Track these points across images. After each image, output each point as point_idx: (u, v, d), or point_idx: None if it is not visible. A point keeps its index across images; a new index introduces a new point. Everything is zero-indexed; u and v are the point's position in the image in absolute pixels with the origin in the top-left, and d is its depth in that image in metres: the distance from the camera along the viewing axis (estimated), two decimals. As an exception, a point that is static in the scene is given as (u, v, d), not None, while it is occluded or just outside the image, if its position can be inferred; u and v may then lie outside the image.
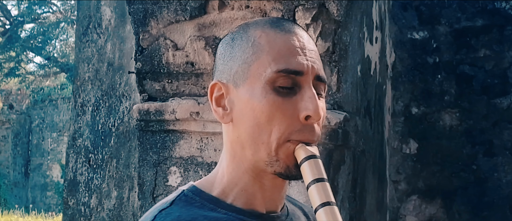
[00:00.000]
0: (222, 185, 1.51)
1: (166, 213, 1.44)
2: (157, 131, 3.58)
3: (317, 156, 1.42)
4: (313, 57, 1.46)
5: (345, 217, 3.61)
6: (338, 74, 3.43)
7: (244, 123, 1.46)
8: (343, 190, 3.55)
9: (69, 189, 4.54)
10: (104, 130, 4.35)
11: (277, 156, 1.43)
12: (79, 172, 4.49)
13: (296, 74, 1.42)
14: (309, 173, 1.39)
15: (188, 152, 3.54)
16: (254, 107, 1.44)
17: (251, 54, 1.46)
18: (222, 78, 1.51)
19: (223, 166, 1.53)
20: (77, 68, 4.61)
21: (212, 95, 1.52)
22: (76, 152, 4.53)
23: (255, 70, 1.45)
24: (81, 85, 4.54)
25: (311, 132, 1.43)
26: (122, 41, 4.29)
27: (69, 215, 4.51)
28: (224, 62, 1.51)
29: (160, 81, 3.62)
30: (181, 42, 3.56)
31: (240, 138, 1.47)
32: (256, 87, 1.44)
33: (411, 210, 4.85)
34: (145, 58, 3.61)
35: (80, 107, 4.52)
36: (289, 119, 1.42)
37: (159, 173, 3.56)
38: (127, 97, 4.22)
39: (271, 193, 1.51)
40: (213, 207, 1.47)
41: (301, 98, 1.42)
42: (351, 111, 3.62)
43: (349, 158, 3.63)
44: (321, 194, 1.37)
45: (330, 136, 3.37)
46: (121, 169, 4.20)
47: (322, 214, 1.35)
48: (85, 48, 4.53)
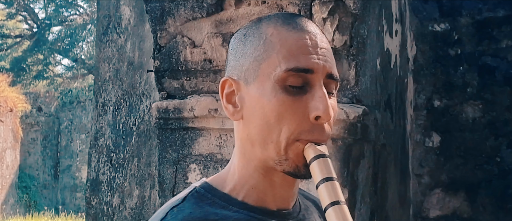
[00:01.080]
0: (233, 182, 1.51)
1: (177, 210, 1.45)
2: (176, 129, 3.59)
3: (327, 155, 1.41)
4: (325, 56, 1.45)
5: (366, 211, 3.59)
6: (356, 68, 3.41)
7: (254, 121, 1.45)
8: (363, 184, 3.53)
9: (92, 188, 4.56)
10: (125, 129, 4.36)
11: (286, 155, 1.43)
12: (101, 171, 4.51)
13: (306, 72, 1.42)
14: (318, 172, 1.39)
15: (207, 149, 3.54)
16: (264, 106, 1.43)
17: (262, 52, 1.45)
18: (233, 75, 1.50)
19: (234, 162, 1.53)
20: (97, 68, 4.62)
21: (223, 91, 1.52)
22: (98, 151, 4.55)
23: (266, 69, 1.44)
24: (102, 85, 4.55)
25: (321, 131, 1.43)
26: (142, 40, 4.30)
27: (92, 215, 4.53)
28: (235, 59, 1.51)
29: (179, 79, 3.62)
30: (198, 40, 3.56)
31: (250, 136, 1.47)
32: (266, 85, 1.44)
33: (435, 203, 4.81)
34: (163, 56, 3.61)
35: (101, 107, 4.54)
36: (299, 118, 1.41)
37: (179, 170, 3.56)
38: (147, 96, 4.22)
39: (282, 190, 1.51)
40: (224, 204, 1.47)
41: (312, 98, 1.42)
42: (371, 104, 3.60)
43: (369, 152, 3.61)
44: (330, 193, 1.37)
45: (349, 130, 3.35)
46: (142, 168, 4.21)
47: (331, 213, 1.35)
48: (106, 48, 4.55)
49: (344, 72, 3.40)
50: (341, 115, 3.31)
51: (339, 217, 1.34)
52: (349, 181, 3.39)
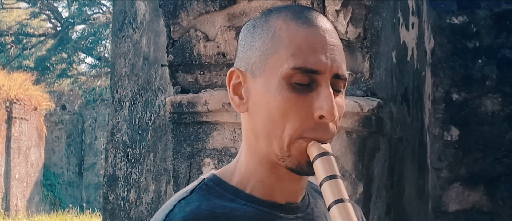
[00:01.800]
0: (240, 175, 1.50)
1: (185, 203, 1.44)
2: (190, 123, 3.58)
3: (330, 153, 1.40)
4: (334, 54, 1.43)
5: (381, 205, 3.57)
6: (370, 60, 3.38)
7: (259, 115, 1.45)
8: (379, 178, 3.51)
9: (109, 184, 4.57)
10: (141, 124, 4.36)
11: (289, 151, 1.42)
12: (118, 167, 4.52)
13: (313, 73, 1.40)
14: (322, 170, 1.38)
15: (221, 143, 3.53)
16: (269, 101, 1.42)
17: (270, 46, 1.44)
18: (240, 66, 1.49)
19: (242, 155, 1.52)
20: (114, 64, 4.63)
21: (230, 82, 1.51)
22: (114, 147, 4.56)
23: (273, 64, 1.43)
24: (118, 80, 4.56)
25: (325, 130, 1.41)
26: (157, 35, 4.30)
27: (109, 210, 4.54)
28: (244, 50, 1.50)
29: (193, 73, 3.62)
30: (211, 33, 3.55)
31: (254, 129, 1.46)
32: (272, 81, 1.42)
33: (454, 197, 4.77)
34: (176, 51, 3.61)
35: (118, 102, 4.55)
36: (303, 116, 1.40)
37: (193, 165, 3.56)
38: (162, 91, 4.22)
39: (289, 184, 1.49)
40: (232, 197, 1.47)
41: (317, 97, 1.40)
42: (386, 97, 3.58)
43: (384, 145, 3.58)
44: (334, 191, 1.36)
45: (363, 123, 3.33)
46: (158, 163, 4.22)
47: (335, 211, 1.35)
48: (121, 44, 4.55)
49: (358, 64, 3.38)
50: (355, 107, 3.29)
51: (343, 215, 1.34)
52: (364, 174, 3.37)
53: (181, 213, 1.41)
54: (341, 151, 3.34)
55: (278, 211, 1.47)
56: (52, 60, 35.94)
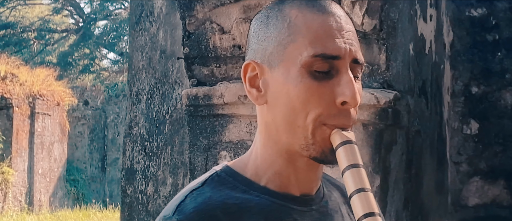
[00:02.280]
0: (255, 167, 1.48)
1: (197, 194, 1.43)
2: (206, 116, 3.57)
3: (353, 141, 1.39)
4: (351, 39, 1.42)
5: (399, 198, 3.55)
6: (386, 52, 3.36)
7: (279, 106, 1.43)
8: (396, 170, 3.49)
9: (127, 177, 4.58)
10: (158, 117, 4.36)
11: (313, 138, 1.40)
12: (135, 160, 4.52)
13: (333, 59, 1.39)
14: (344, 158, 1.36)
15: (237, 135, 3.52)
16: (289, 91, 1.41)
17: (287, 36, 1.42)
18: (256, 58, 1.47)
19: (257, 147, 1.50)
20: (131, 57, 4.63)
21: (246, 75, 1.49)
22: (132, 140, 4.56)
23: (291, 53, 1.41)
24: (135, 74, 4.56)
25: (347, 117, 1.40)
26: (174, 28, 4.30)
27: (127, 203, 4.54)
28: (258, 42, 1.48)
29: (208, 65, 3.61)
30: (227, 26, 3.54)
31: (275, 121, 1.44)
32: (291, 70, 1.41)
33: (474, 191, 4.74)
34: (192, 43, 3.60)
35: (135, 96, 4.55)
36: (324, 103, 1.39)
37: (210, 157, 3.55)
38: (179, 84, 4.22)
39: (306, 175, 1.48)
40: (245, 188, 1.45)
41: (338, 83, 1.39)
42: (403, 89, 3.55)
43: (402, 138, 3.56)
44: (356, 180, 1.35)
45: (380, 116, 3.31)
46: (176, 156, 4.22)
47: (356, 200, 1.33)
48: (138, 37, 4.55)
49: (374, 56, 3.36)
50: (371, 100, 3.27)
51: (364, 204, 1.32)
52: (381, 167, 3.35)
53: (192, 204, 1.40)
54: (357, 143, 3.31)
55: (292, 203, 1.46)
56: (75, 56, 36.09)
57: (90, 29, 35.89)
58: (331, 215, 1.53)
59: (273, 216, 1.43)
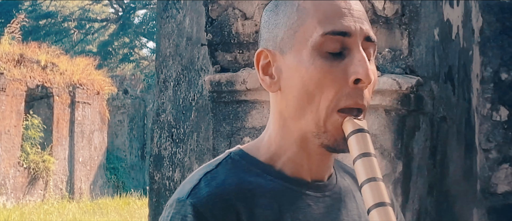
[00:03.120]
0: (269, 152, 1.49)
1: (211, 177, 1.44)
2: (229, 102, 3.58)
3: (365, 129, 1.39)
4: (361, 18, 1.42)
5: (423, 184, 3.53)
6: (409, 37, 3.34)
7: (293, 91, 1.43)
8: (419, 156, 3.47)
9: (155, 164, 4.60)
10: (185, 104, 4.37)
11: (325, 127, 1.41)
12: (163, 147, 4.54)
13: (343, 35, 1.39)
14: (355, 147, 1.37)
15: (260, 122, 3.52)
16: (302, 74, 1.41)
17: (296, 19, 1.43)
18: (268, 46, 1.48)
19: (270, 133, 1.51)
20: (158, 45, 4.65)
21: (259, 63, 1.50)
22: (160, 127, 4.58)
23: (301, 36, 1.42)
24: (163, 61, 4.58)
25: (360, 96, 1.40)
26: (199, 15, 4.30)
27: (155, 190, 4.57)
28: (269, 30, 1.49)
29: (231, 52, 3.62)
30: (249, 11, 3.55)
31: (288, 108, 1.45)
32: (303, 53, 1.41)
33: (503, 178, 4.68)
34: (215, 29, 3.61)
35: (163, 83, 4.57)
36: (338, 84, 1.39)
37: (233, 143, 3.56)
38: (205, 70, 4.23)
39: (318, 162, 1.49)
40: (259, 172, 1.46)
41: (351, 62, 1.39)
42: (426, 75, 3.53)
43: (425, 124, 3.54)
44: (367, 169, 1.35)
45: (402, 101, 3.30)
46: (202, 142, 4.23)
47: (367, 189, 1.34)
48: (166, 24, 4.57)
49: (396, 42, 3.34)
50: (393, 85, 3.25)
51: (375, 194, 1.33)
52: (404, 153, 3.34)
53: (206, 188, 1.41)
54: (380, 129, 3.30)
55: (305, 189, 1.47)
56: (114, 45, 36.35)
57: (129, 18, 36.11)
58: (345, 201, 1.53)
59: (287, 200, 1.44)
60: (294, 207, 1.44)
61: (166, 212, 1.43)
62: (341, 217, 1.50)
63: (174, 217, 1.39)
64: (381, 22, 3.30)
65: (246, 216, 1.39)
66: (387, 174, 3.26)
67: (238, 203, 1.40)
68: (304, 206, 1.45)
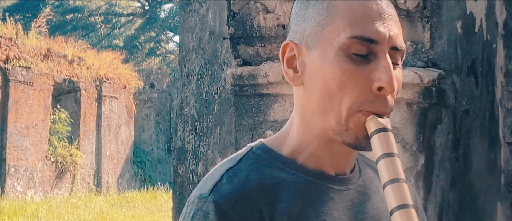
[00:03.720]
0: (291, 147, 1.48)
1: (233, 172, 1.43)
2: (251, 95, 3.59)
3: (389, 129, 1.38)
4: (391, 24, 1.41)
5: (446, 177, 3.52)
6: (430, 30, 3.33)
7: (315, 88, 1.42)
8: (441, 150, 3.45)
9: (178, 157, 4.62)
10: (208, 97, 4.39)
11: (347, 125, 1.40)
12: (186, 140, 4.56)
13: (371, 42, 1.38)
14: (378, 146, 1.36)
15: (282, 115, 3.53)
16: (325, 73, 1.40)
17: (325, 17, 1.42)
18: (294, 39, 1.47)
19: (293, 127, 1.50)
20: (182, 39, 4.67)
21: (284, 55, 1.49)
22: (183, 120, 4.60)
23: (329, 34, 1.41)
24: (186, 55, 4.60)
25: (384, 103, 1.39)
26: (222, 9, 4.32)
27: (179, 183, 4.59)
28: (297, 23, 1.48)
29: (253, 45, 3.62)
30: (271, 5, 3.54)
31: (310, 103, 1.44)
32: (328, 52, 1.40)
33: (527, 172, 4.66)
34: (237, 23, 3.62)
35: (186, 76, 4.59)
36: (361, 88, 1.38)
37: (255, 137, 3.57)
38: (228, 64, 4.24)
39: (341, 157, 1.48)
40: (281, 166, 1.46)
41: (375, 68, 1.38)
42: (449, 68, 3.51)
43: (447, 117, 3.52)
44: (390, 170, 1.34)
45: (424, 94, 3.29)
46: (224, 136, 4.24)
47: (390, 190, 1.33)
48: (189, 18, 4.58)
49: (418, 35, 3.33)
50: (415, 78, 3.24)
51: (398, 195, 1.32)
52: (425, 146, 3.33)
53: (228, 184, 1.40)
54: (401, 122, 3.30)
55: (328, 182, 1.46)
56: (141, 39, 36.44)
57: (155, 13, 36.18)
58: (369, 195, 1.53)
59: (310, 194, 1.44)
60: (317, 201, 1.44)
61: (188, 208, 1.42)
62: (365, 209, 1.50)
63: (196, 214, 1.39)
64: (403, 15, 3.29)
65: (268, 212, 1.39)
66: (409, 167, 3.26)
67: (260, 199, 1.39)
68: (327, 200, 1.45)
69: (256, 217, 1.38)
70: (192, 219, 1.40)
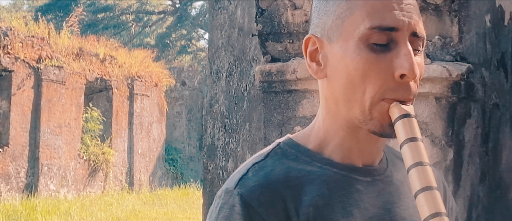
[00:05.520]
0: (318, 140, 1.51)
1: (259, 167, 1.46)
2: (279, 92, 3.60)
3: (412, 114, 1.39)
4: (410, 12, 1.43)
5: (475, 172, 3.51)
6: (459, 24, 3.32)
7: (338, 80, 1.45)
8: (470, 144, 3.44)
9: (208, 154, 4.64)
10: (237, 94, 4.40)
11: (371, 114, 1.42)
12: (216, 137, 4.58)
13: (390, 30, 1.40)
14: (402, 132, 1.38)
15: (311, 111, 3.54)
16: (347, 64, 1.42)
17: (345, 9, 1.44)
18: (316, 32, 1.50)
19: (319, 120, 1.52)
20: (211, 36, 4.68)
21: (307, 49, 1.52)
22: (213, 117, 4.62)
23: (349, 26, 1.43)
24: (215, 52, 4.61)
25: (407, 90, 1.41)
26: (251, 6, 4.32)
27: (209, 180, 4.61)
28: (318, 16, 1.50)
29: (282, 42, 3.63)
30: (299, 1, 3.56)
31: (334, 94, 1.47)
32: (349, 43, 1.43)
33: (559, 166, 4.63)
34: (265, 20, 3.63)
35: (215, 74, 4.60)
36: (383, 76, 1.40)
37: (284, 133, 3.57)
38: (257, 61, 4.25)
39: (367, 147, 1.50)
40: (308, 160, 1.48)
41: (397, 55, 1.40)
42: (477, 62, 3.50)
43: (477, 111, 3.51)
44: (414, 154, 1.36)
45: (452, 89, 3.28)
46: (254, 132, 4.25)
47: (414, 174, 1.34)
48: (218, 15, 4.60)
49: (446, 29, 3.32)
50: (443, 72, 3.23)
51: (422, 178, 1.33)
52: (454, 140, 3.32)
53: (254, 178, 1.43)
54: (430, 117, 3.29)
55: (355, 174, 1.48)
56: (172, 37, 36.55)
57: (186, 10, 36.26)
58: (396, 185, 1.54)
59: (336, 186, 1.46)
60: (344, 193, 1.45)
61: (215, 202, 1.45)
62: (392, 200, 1.52)
63: (223, 207, 1.42)
64: (431, 9, 3.28)
65: (294, 203, 1.41)
66: (438, 161, 3.25)
67: (285, 191, 1.41)
68: (353, 191, 1.46)
69: (281, 209, 1.40)
70: (219, 213, 1.42)
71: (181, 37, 37.11)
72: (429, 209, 1.30)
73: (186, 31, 36.91)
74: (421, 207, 1.31)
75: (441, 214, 1.30)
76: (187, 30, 36.87)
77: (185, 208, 18.37)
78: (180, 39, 37.08)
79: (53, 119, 20.32)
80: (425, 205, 1.31)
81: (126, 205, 18.43)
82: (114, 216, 16.21)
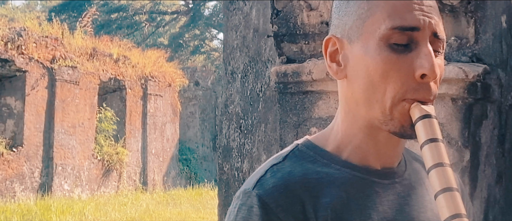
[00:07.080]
0: (336, 141, 1.50)
1: (277, 169, 1.46)
2: (295, 93, 3.60)
3: (433, 115, 1.39)
4: (431, 13, 1.43)
5: (491, 173, 3.50)
6: (475, 25, 3.31)
7: (358, 80, 1.44)
8: (487, 145, 3.43)
9: (224, 155, 4.64)
10: (252, 95, 4.40)
11: (391, 114, 1.42)
12: (231, 138, 4.58)
13: (411, 30, 1.40)
14: (423, 132, 1.37)
15: (326, 112, 3.53)
16: (368, 64, 1.42)
17: (366, 10, 1.44)
18: (336, 33, 1.50)
19: (338, 122, 1.52)
20: (226, 36, 4.69)
21: (327, 50, 1.52)
22: (228, 118, 4.62)
23: (370, 27, 1.43)
24: (230, 53, 4.61)
25: (427, 90, 1.40)
26: (266, 7, 4.33)
27: (224, 180, 4.61)
28: (339, 17, 1.50)
29: (297, 43, 3.63)
30: (314, 2, 3.55)
31: (354, 95, 1.46)
32: (370, 44, 1.42)
33: None
34: (280, 21, 3.63)
35: (230, 74, 4.60)
36: (404, 77, 1.40)
37: (300, 134, 3.58)
38: (272, 62, 4.25)
39: (386, 148, 1.49)
40: (326, 162, 1.48)
41: (417, 56, 1.40)
42: (494, 63, 3.49)
43: (493, 112, 3.50)
44: (434, 155, 1.35)
45: (469, 90, 3.27)
46: (269, 133, 4.25)
47: (434, 174, 1.34)
48: (233, 16, 4.60)
49: (462, 30, 3.31)
50: (459, 74, 3.23)
51: (442, 179, 1.33)
52: (471, 141, 3.31)
53: (272, 179, 1.43)
54: (446, 118, 3.28)
55: (373, 176, 1.48)
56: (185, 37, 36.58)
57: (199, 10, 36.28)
58: (415, 187, 1.54)
59: (355, 188, 1.45)
60: (362, 195, 1.45)
61: (233, 203, 1.45)
62: (411, 203, 1.51)
63: (241, 208, 1.42)
64: (447, 10, 3.28)
65: (312, 205, 1.41)
66: (454, 162, 3.25)
67: (303, 193, 1.41)
68: (371, 194, 1.46)
69: (299, 211, 1.40)
70: (237, 214, 1.42)
71: (194, 37, 37.14)
72: (449, 210, 1.30)
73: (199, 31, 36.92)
74: (441, 208, 1.31)
75: (461, 216, 1.29)
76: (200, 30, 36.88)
77: (199, 208, 18.38)
78: (193, 39, 37.10)
79: (67, 119, 20.38)
80: (445, 206, 1.30)
81: (140, 205, 18.47)
82: (128, 216, 16.24)
